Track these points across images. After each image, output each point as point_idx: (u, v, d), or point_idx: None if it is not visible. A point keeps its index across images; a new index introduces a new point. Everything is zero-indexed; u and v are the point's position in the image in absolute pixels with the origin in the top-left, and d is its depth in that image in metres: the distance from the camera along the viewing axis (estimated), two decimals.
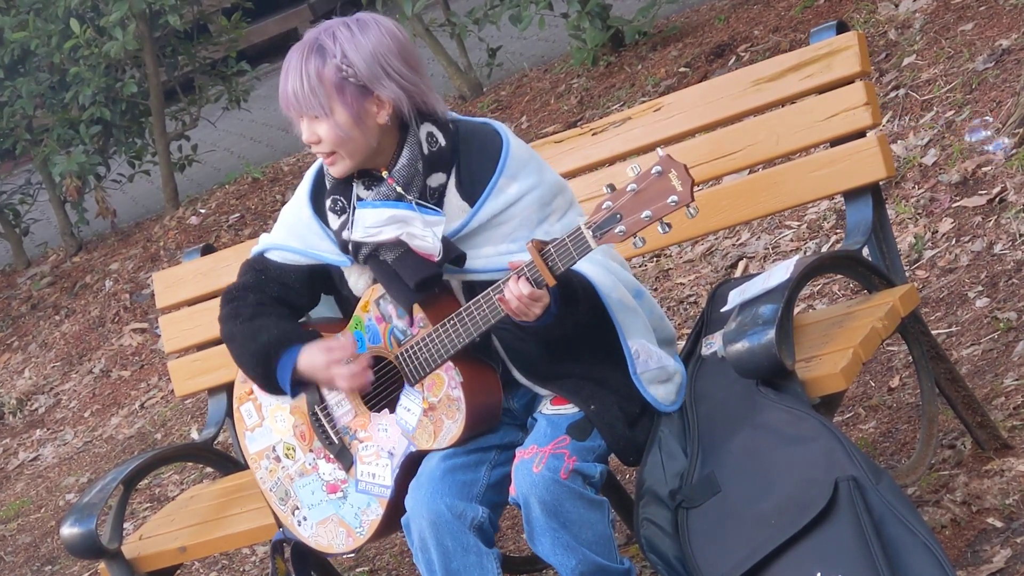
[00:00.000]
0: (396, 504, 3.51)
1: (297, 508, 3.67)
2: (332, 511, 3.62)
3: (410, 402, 3.50)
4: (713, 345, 3.58)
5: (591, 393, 3.45)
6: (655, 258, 5.91)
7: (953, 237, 5.05)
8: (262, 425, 3.71)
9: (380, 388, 3.58)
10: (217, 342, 4.45)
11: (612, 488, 4.05)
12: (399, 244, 3.42)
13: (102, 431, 7.29)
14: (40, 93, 8.72)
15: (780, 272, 3.50)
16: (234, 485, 4.38)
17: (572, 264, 3.24)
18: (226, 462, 4.57)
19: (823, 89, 3.86)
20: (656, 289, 5.71)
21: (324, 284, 3.63)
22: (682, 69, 7.11)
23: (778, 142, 3.89)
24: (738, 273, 5.53)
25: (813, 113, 3.86)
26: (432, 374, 3.46)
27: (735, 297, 3.57)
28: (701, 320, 3.70)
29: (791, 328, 3.42)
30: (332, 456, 3.59)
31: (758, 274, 3.64)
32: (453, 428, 3.45)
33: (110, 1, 8.20)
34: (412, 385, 3.49)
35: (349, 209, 3.48)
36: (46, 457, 7.36)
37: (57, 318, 8.57)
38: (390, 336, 3.51)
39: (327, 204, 3.52)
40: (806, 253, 5.36)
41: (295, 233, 3.58)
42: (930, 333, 3.84)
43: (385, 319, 3.51)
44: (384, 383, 3.57)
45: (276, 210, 8.33)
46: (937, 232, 5.11)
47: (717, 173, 3.97)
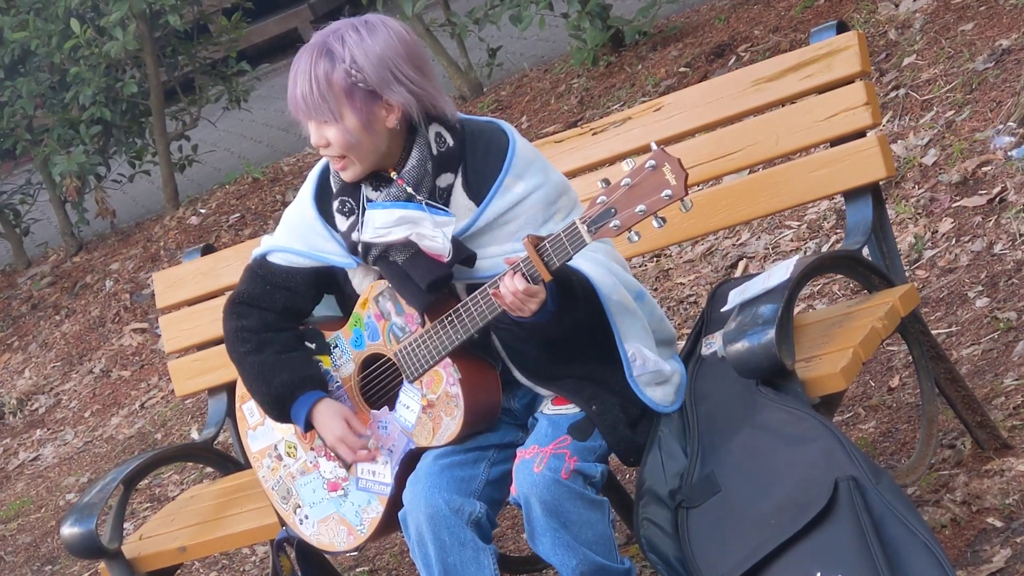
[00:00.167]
0: (396, 502, 3.50)
1: (299, 507, 3.67)
2: (333, 509, 3.62)
3: (409, 399, 3.50)
4: (713, 345, 3.58)
5: (592, 394, 3.45)
6: (655, 258, 5.90)
7: (953, 237, 5.05)
8: (264, 424, 3.71)
9: (379, 385, 3.58)
10: (217, 342, 4.46)
11: (612, 488, 4.04)
12: (409, 245, 3.42)
13: (102, 431, 7.29)
14: (40, 93, 8.71)
15: (780, 272, 3.50)
16: (234, 485, 4.38)
17: (568, 259, 3.23)
18: (226, 462, 4.57)
19: (823, 89, 3.86)
20: (656, 289, 5.71)
21: (328, 285, 3.63)
22: (682, 69, 7.10)
23: (778, 142, 3.89)
24: (738, 273, 5.53)
25: (813, 113, 3.85)
26: (431, 371, 3.46)
27: (735, 297, 3.57)
28: (701, 320, 3.70)
29: (791, 328, 3.42)
30: (333, 454, 3.59)
31: (758, 274, 3.64)
32: (452, 425, 3.45)
33: (110, 1, 8.19)
34: (411, 382, 3.49)
35: (358, 210, 3.47)
36: (46, 457, 7.35)
37: (57, 318, 8.57)
38: (389, 333, 3.51)
39: (335, 206, 3.52)
40: (806, 253, 5.36)
41: (298, 235, 3.58)
42: (930, 333, 3.84)
43: (384, 316, 3.51)
44: (383, 380, 3.57)
45: (276, 210, 8.33)
46: (937, 232, 5.11)
47: (717, 173, 3.97)
